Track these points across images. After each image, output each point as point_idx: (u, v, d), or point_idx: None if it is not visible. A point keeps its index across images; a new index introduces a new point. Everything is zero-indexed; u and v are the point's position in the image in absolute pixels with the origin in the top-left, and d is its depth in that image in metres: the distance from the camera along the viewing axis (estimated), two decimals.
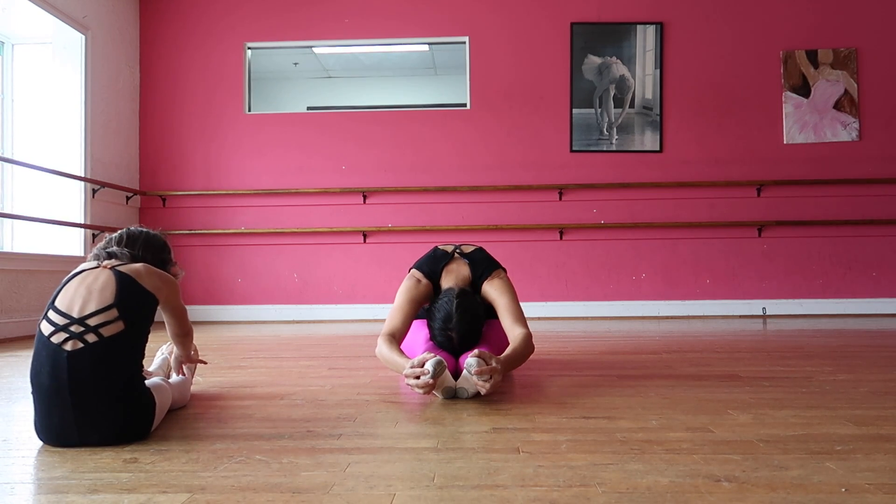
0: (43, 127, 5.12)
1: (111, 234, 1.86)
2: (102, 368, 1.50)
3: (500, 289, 2.44)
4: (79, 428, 1.49)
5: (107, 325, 1.52)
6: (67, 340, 1.49)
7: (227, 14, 5.86)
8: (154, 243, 1.86)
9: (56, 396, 1.48)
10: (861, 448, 1.44)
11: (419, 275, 2.49)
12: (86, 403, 1.49)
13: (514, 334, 2.30)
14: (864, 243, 5.55)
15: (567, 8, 5.72)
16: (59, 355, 1.48)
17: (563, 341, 3.71)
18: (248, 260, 5.75)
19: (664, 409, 1.85)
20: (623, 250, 5.63)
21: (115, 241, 1.80)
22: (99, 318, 1.52)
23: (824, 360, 2.83)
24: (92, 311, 1.52)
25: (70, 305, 1.53)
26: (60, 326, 1.51)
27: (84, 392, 1.48)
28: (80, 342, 1.49)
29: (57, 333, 1.50)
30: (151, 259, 1.78)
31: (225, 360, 3.05)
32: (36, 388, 1.52)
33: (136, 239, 1.82)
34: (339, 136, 5.79)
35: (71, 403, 1.48)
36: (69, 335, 1.50)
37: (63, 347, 1.48)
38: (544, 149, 5.67)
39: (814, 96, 5.59)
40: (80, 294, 1.55)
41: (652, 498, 1.14)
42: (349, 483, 1.24)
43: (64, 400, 1.48)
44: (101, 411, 1.50)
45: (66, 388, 1.47)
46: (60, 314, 1.52)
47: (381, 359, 2.27)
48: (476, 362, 1.98)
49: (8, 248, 4.92)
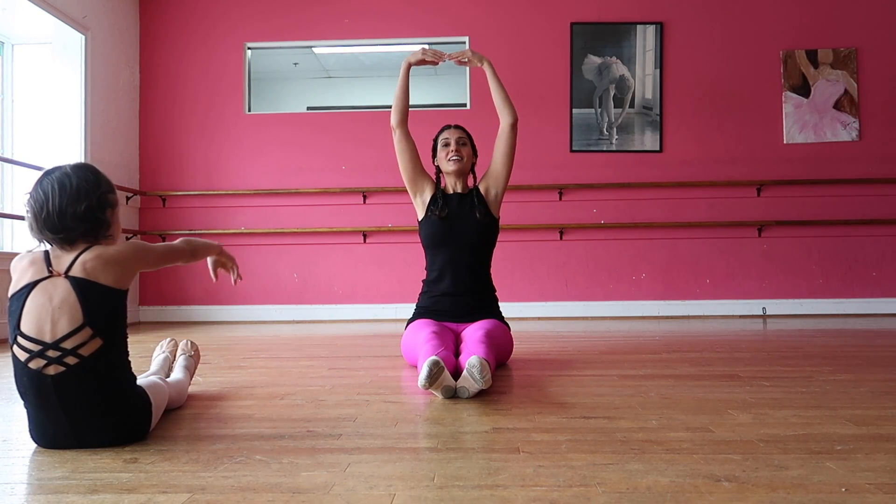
0: (43, 127, 5.12)
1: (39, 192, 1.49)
2: (92, 385, 1.45)
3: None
4: (76, 436, 1.48)
5: (84, 346, 1.43)
6: (48, 366, 1.41)
7: (227, 14, 5.86)
8: (96, 196, 1.50)
9: (48, 413, 1.45)
10: (861, 448, 1.44)
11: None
12: (79, 416, 1.46)
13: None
14: (864, 243, 5.55)
15: (567, 8, 5.71)
16: (43, 380, 1.41)
17: (563, 341, 3.71)
18: (248, 260, 5.75)
19: (664, 409, 1.85)
20: (623, 250, 5.63)
21: (56, 213, 1.46)
22: (74, 339, 1.42)
23: (824, 360, 2.83)
24: (65, 333, 1.42)
25: (39, 330, 1.42)
26: (35, 353, 1.42)
27: (76, 408, 1.45)
28: (60, 366, 1.42)
29: (34, 360, 1.42)
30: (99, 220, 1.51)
31: (225, 360, 3.05)
32: (27, 404, 1.49)
33: (76, 200, 1.47)
34: (339, 136, 5.79)
35: (65, 419, 1.46)
36: (47, 361, 1.41)
37: (45, 373, 1.41)
38: (544, 149, 5.66)
39: (814, 96, 5.59)
40: (45, 315, 1.42)
41: (652, 498, 1.14)
42: (349, 483, 1.24)
43: (57, 416, 1.45)
44: (96, 421, 1.48)
45: (58, 408, 1.44)
46: (31, 340, 1.42)
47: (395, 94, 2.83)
48: (478, 362, 1.99)
49: (8, 248, 4.92)
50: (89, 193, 1.49)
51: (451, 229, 2.73)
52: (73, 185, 1.48)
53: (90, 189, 1.50)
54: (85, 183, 1.49)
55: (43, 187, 1.49)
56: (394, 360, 2.94)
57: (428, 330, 2.46)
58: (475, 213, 2.75)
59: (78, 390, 1.44)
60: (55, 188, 1.47)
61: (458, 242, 2.73)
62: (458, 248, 2.73)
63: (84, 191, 1.48)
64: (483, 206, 2.78)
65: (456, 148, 2.80)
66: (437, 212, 2.75)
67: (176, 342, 2.30)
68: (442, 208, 2.76)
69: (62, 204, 1.46)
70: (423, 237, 2.81)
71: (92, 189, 1.50)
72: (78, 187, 1.48)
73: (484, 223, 2.75)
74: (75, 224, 1.47)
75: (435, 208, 2.77)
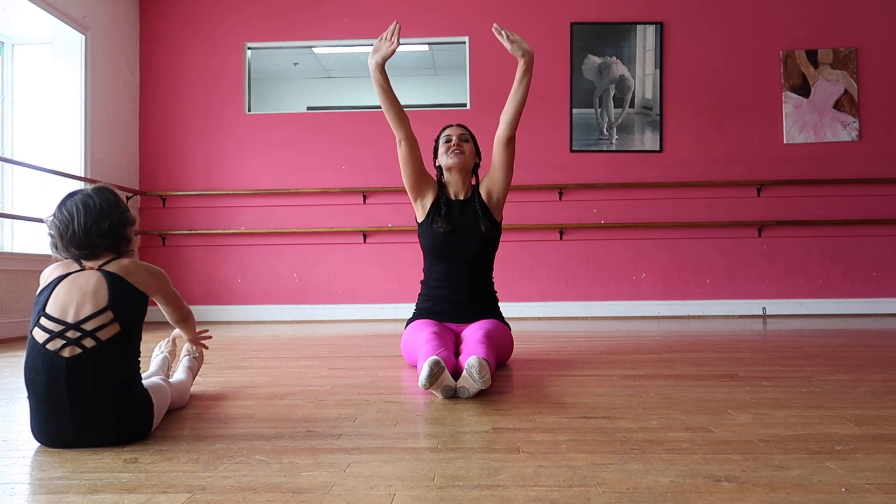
0: (43, 127, 5.12)
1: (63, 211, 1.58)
2: (102, 373, 1.48)
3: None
4: (77, 432, 1.49)
5: (103, 329, 1.49)
6: (65, 347, 1.47)
7: (227, 14, 5.86)
8: (118, 214, 1.62)
9: (53, 403, 1.47)
10: (861, 448, 1.44)
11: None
12: (84, 409, 1.48)
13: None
14: (864, 243, 5.55)
15: (567, 8, 5.72)
16: (57, 362, 1.46)
17: (563, 341, 3.71)
18: (248, 260, 5.76)
19: (664, 409, 1.85)
20: (623, 250, 5.63)
21: (82, 230, 1.56)
22: (95, 321, 1.49)
23: (824, 360, 2.83)
24: (87, 315, 1.49)
25: (64, 311, 1.49)
26: (56, 333, 1.48)
27: (82, 398, 1.47)
28: (77, 348, 1.47)
29: (53, 340, 1.47)
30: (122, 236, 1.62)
31: (225, 360, 3.05)
32: (32, 395, 1.50)
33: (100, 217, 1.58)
34: (339, 136, 5.79)
35: (69, 410, 1.47)
36: (66, 341, 1.47)
37: (61, 354, 1.46)
38: (544, 149, 5.67)
39: (814, 96, 5.59)
40: (72, 298, 1.51)
41: (652, 498, 1.14)
42: (349, 483, 1.24)
43: (62, 406, 1.47)
44: (99, 416, 1.49)
45: (64, 395, 1.46)
46: (54, 321, 1.49)
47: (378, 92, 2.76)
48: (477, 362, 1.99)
49: (8, 248, 4.92)
50: (111, 212, 1.61)
51: (454, 244, 2.66)
52: (96, 205, 1.59)
53: (111, 208, 1.61)
54: (106, 203, 1.61)
55: (67, 208, 1.59)
56: (394, 360, 2.93)
57: (428, 330, 2.46)
58: (480, 227, 2.66)
59: (88, 377, 1.47)
60: (79, 208, 1.58)
61: (460, 255, 2.67)
62: (459, 262, 2.68)
63: (106, 209, 1.60)
64: (487, 215, 2.69)
65: (457, 142, 2.76)
66: (440, 224, 2.67)
67: (174, 343, 2.30)
68: (445, 221, 2.67)
69: (87, 222, 1.57)
70: (423, 245, 2.75)
71: (113, 208, 1.62)
72: (100, 206, 1.60)
73: (488, 238, 2.68)
74: (100, 240, 1.58)
75: (438, 218, 2.68)
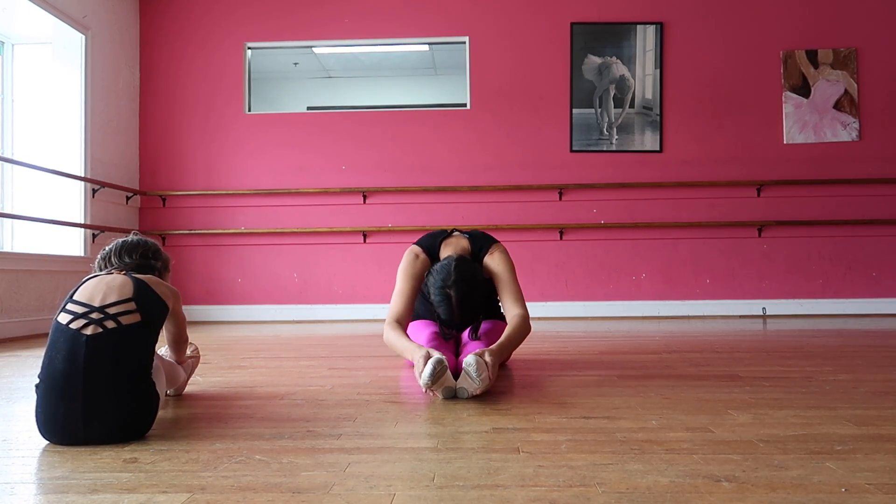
0: (43, 127, 5.12)
1: (111, 243, 1.92)
2: (118, 355, 1.56)
3: (501, 262, 2.47)
4: (84, 419, 1.50)
5: (125, 315, 1.60)
6: (87, 326, 1.56)
7: (227, 14, 5.86)
8: (151, 250, 1.94)
9: (67, 381, 1.51)
10: (861, 448, 1.44)
11: (418, 249, 2.52)
12: (97, 390, 1.52)
13: (512, 315, 2.34)
14: (864, 243, 5.55)
15: (567, 8, 5.71)
16: (78, 339, 1.55)
17: (563, 341, 3.70)
18: (248, 260, 5.76)
19: (664, 409, 1.85)
20: (623, 250, 5.63)
21: (115, 252, 1.89)
22: (118, 307, 1.61)
23: (824, 360, 2.83)
24: (112, 301, 1.61)
25: (90, 297, 1.62)
26: (80, 314, 1.58)
27: (97, 377, 1.52)
28: (99, 327, 1.57)
29: (76, 320, 1.57)
30: (149, 265, 1.89)
31: (225, 360, 3.05)
32: (47, 376, 1.55)
33: (134, 247, 1.90)
34: (339, 136, 5.79)
35: (82, 390, 1.51)
36: (89, 321, 1.57)
37: (83, 332, 1.55)
38: (544, 149, 5.67)
39: (814, 96, 5.59)
40: (99, 289, 1.64)
41: (652, 498, 1.14)
42: (349, 483, 1.24)
43: (75, 387, 1.51)
44: (109, 399, 1.52)
45: (81, 372, 1.51)
46: (80, 305, 1.61)
47: (388, 345, 2.31)
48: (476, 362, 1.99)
49: (8, 248, 4.92)
50: (145, 244, 1.92)
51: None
52: (132, 240, 1.92)
53: (146, 244, 1.93)
54: (143, 241, 1.93)
55: (108, 244, 1.92)
56: (394, 360, 2.94)
57: (429, 330, 2.46)
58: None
59: (107, 356, 1.54)
60: (118, 241, 1.92)
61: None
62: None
63: (142, 244, 1.92)
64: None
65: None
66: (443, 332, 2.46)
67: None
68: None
69: (120, 250, 1.89)
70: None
71: (148, 245, 1.93)
72: (136, 241, 1.92)
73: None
74: (130, 259, 1.86)
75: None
